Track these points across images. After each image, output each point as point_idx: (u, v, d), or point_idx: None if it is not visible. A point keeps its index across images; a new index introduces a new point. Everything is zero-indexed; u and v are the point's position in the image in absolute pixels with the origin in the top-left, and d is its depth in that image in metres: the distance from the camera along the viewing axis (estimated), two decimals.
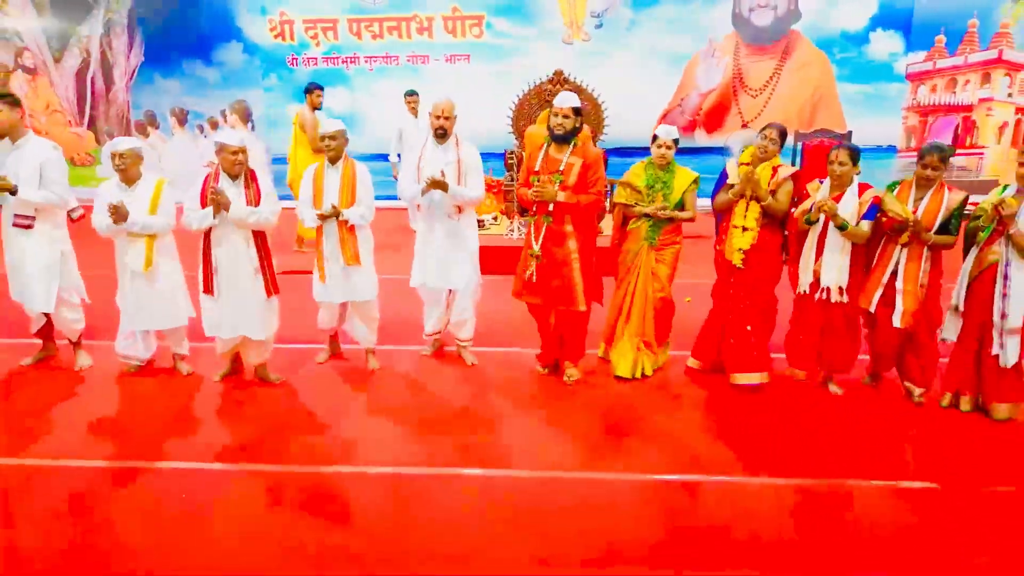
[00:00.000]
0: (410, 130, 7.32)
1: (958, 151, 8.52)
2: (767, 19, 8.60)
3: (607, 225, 5.12)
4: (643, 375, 4.11)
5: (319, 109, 6.82)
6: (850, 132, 7.67)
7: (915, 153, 8.62)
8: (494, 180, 7.18)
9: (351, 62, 9.06)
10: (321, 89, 6.89)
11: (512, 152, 6.83)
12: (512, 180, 6.71)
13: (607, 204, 5.75)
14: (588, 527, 2.73)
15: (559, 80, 6.88)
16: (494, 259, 5.02)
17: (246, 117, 9.25)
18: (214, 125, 9.26)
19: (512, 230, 6.60)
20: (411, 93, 7.49)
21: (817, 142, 7.65)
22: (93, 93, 9.24)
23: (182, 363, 4.14)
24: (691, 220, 4.09)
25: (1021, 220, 3.49)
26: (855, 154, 3.73)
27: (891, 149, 8.75)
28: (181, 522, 2.76)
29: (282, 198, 3.96)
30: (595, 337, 4.26)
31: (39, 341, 4.30)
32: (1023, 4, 8.29)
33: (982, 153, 8.63)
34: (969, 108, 8.56)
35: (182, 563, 2.53)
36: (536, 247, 3.85)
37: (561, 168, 3.77)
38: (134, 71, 9.18)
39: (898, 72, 8.58)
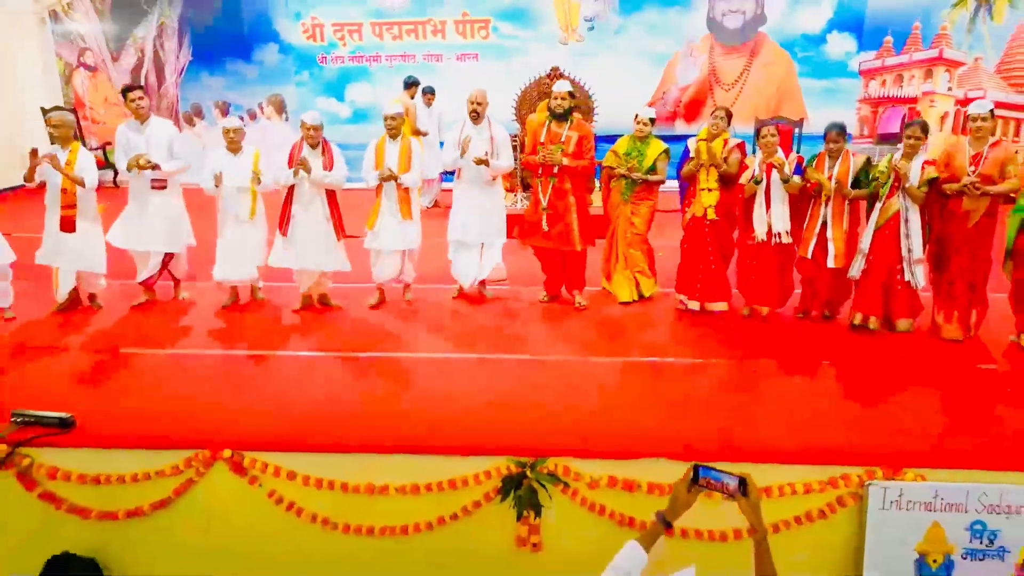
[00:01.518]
0: (423, 119, 8.55)
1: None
2: (737, 23, 9.85)
3: (596, 197, 6.41)
4: (641, 297, 5.42)
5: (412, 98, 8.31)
6: (802, 120, 8.90)
7: (869, 140, 9.97)
8: None
9: (373, 61, 10.31)
10: (417, 84, 8.38)
11: (516, 136, 8.09)
12: (516, 160, 7.97)
13: (596, 182, 7.02)
14: (590, 386, 4.06)
15: (556, 76, 8.14)
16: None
17: (280, 109, 10.49)
18: (252, 116, 10.50)
19: (516, 202, 7.86)
20: (429, 91, 8.70)
21: (831, 143, 8.90)
22: (146, 88, 10.48)
23: (259, 292, 5.45)
24: (661, 182, 5.38)
25: (912, 176, 4.77)
26: (783, 129, 5.04)
27: (847, 137, 9.99)
28: (287, 390, 4.09)
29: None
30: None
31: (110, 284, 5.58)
32: (959, 10, 9.54)
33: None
34: (914, 100, 9.81)
35: (297, 413, 3.85)
36: (544, 201, 5.14)
37: (562, 139, 5.05)
38: (183, 69, 10.44)
39: (852, 69, 9.83)
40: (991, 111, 4.74)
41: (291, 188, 4.99)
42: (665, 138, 5.38)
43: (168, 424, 3.69)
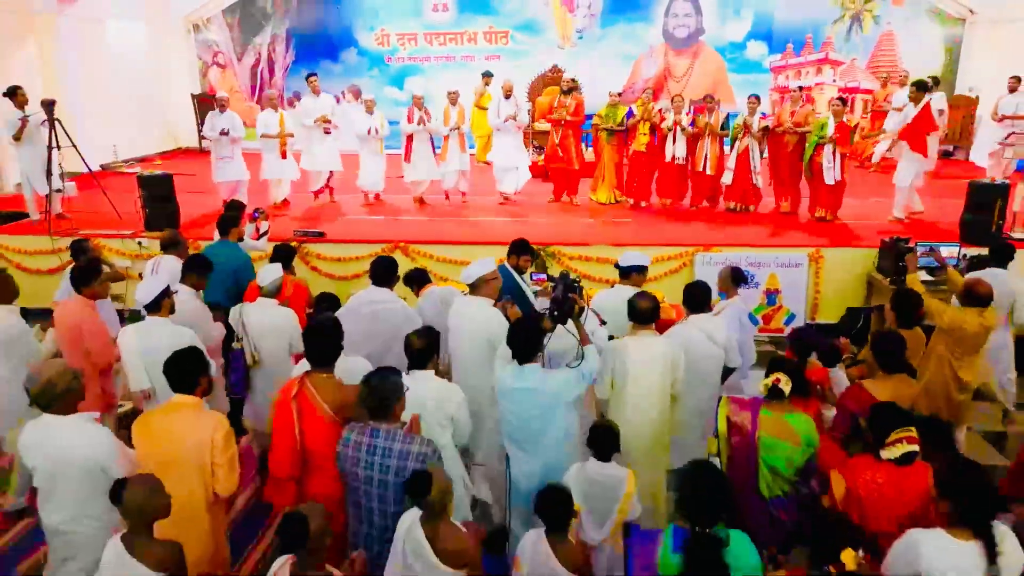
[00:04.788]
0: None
1: None
2: (684, 33, 13.89)
3: (589, 153, 10.42)
4: (617, 201, 9.49)
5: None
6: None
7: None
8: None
9: (424, 60, 14.34)
10: (491, 75, 11.88)
11: (530, 110, 12.14)
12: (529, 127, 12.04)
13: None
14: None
15: (555, 71, 12.16)
16: None
17: (357, 95, 14.45)
18: (337, 100, 14.50)
19: (530, 153, 11.90)
20: (488, 74, 12.69)
21: (701, 105, 12.94)
22: (260, 81, 14.53)
23: (372, 195, 9.57)
24: (623, 130, 9.40)
25: (753, 125, 8.84)
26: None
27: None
28: None
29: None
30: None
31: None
32: (839, 24, 13.57)
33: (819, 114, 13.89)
34: (809, 89, 13.82)
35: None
36: (557, 139, 9.22)
37: (568, 104, 9.15)
38: (288, 66, 14.48)
39: (764, 67, 13.87)
40: (840, 98, 8.81)
41: (410, 136, 9.10)
42: (630, 112, 9.47)
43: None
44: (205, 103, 14.01)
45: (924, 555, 2.40)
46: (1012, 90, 10.68)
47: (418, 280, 4.96)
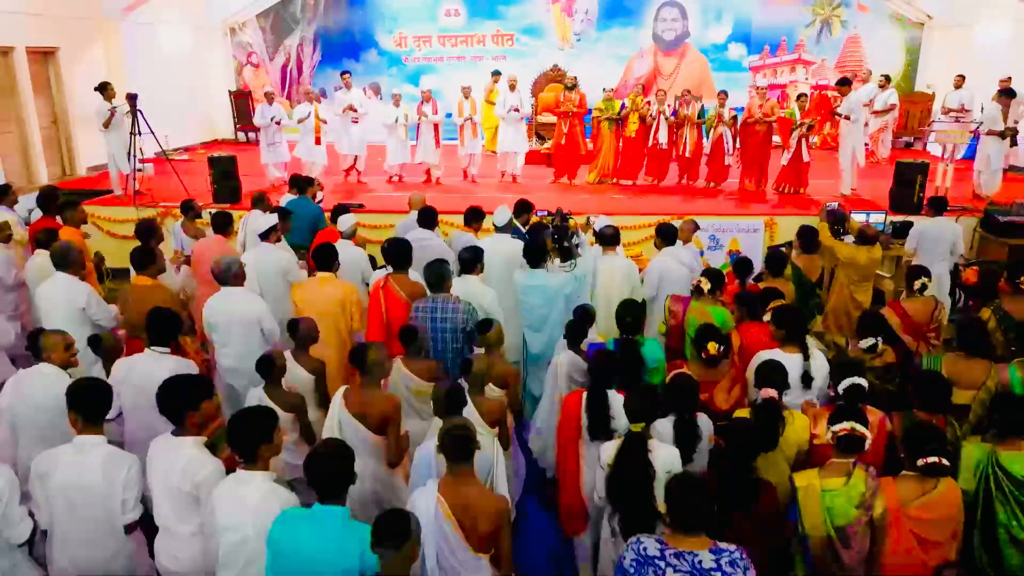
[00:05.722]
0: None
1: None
2: (672, 36, 15.45)
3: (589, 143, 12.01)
4: (604, 181, 11.08)
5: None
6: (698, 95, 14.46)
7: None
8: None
9: (438, 60, 15.91)
10: (499, 74, 13.48)
11: (533, 105, 13.72)
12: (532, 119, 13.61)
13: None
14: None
15: (556, 70, 13.72)
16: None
17: (377, 91, 16.06)
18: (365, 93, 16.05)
19: (533, 141, 13.47)
20: (496, 73, 14.27)
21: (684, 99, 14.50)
22: (290, 79, 16.11)
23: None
24: (619, 120, 10.98)
25: (725, 115, 10.43)
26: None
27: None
28: None
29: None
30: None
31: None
32: (811, 28, 15.13)
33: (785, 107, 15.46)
34: (784, 86, 15.39)
35: None
36: (565, 128, 10.81)
37: (572, 98, 10.73)
38: (315, 65, 16.06)
39: (744, 66, 15.43)
40: (802, 93, 10.43)
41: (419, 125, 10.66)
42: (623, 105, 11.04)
43: None
44: (240, 99, 15.66)
45: (760, 357, 3.96)
46: (957, 87, 12.27)
47: (476, 218, 6.41)
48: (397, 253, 4.96)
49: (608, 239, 5.51)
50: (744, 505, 3.02)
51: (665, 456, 3.26)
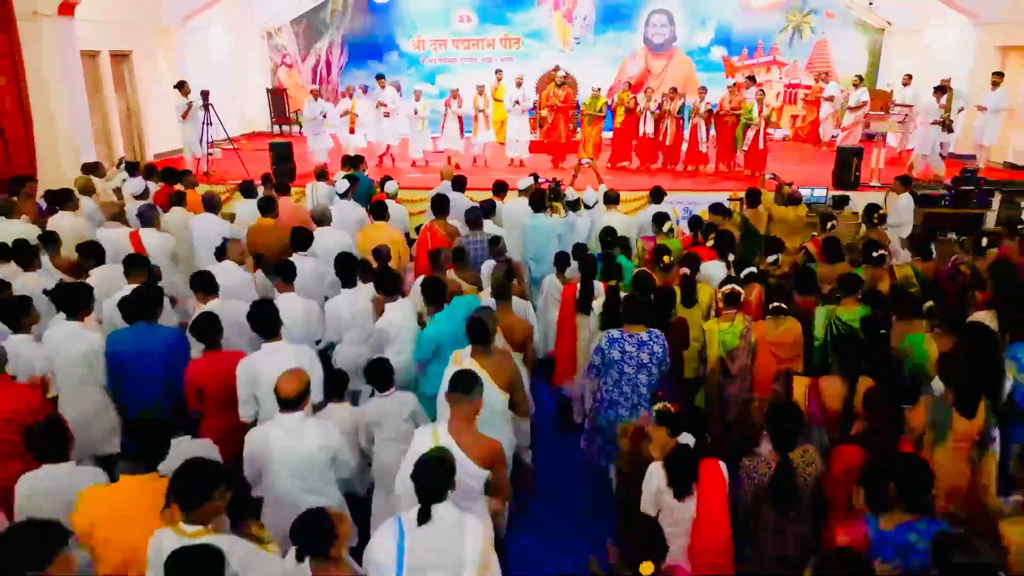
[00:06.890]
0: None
1: None
2: (661, 40, 17.34)
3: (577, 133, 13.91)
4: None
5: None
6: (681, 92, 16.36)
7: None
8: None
9: (452, 61, 17.82)
10: (501, 72, 15.46)
11: (535, 102, 15.61)
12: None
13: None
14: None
15: (556, 70, 15.61)
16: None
17: (398, 88, 17.94)
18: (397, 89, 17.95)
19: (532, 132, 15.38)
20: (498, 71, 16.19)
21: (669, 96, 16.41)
22: (319, 78, 18.02)
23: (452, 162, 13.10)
24: (602, 116, 12.90)
25: (701, 108, 12.34)
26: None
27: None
28: None
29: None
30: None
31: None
32: (784, 33, 17.02)
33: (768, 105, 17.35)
34: (760, 85, 17.24)
35: None
36: (550, 121, 12.73)
37: (559, 94, 12.65)
38: (342, 66, 17.97)
39: (723, 67, 17.34)
40: (760, 88, 12.36)
41: (446, 116, 12.57)
42: (608, 102, 12.94)
43: None
44: (276, 96, 17.57)
45: (706, 267, 5.90)
46: (905, 84, 14.20)
47: (502, 189, 8.34)
48: (439, 204, 6.88)
49: (611, 199, 7.66)
50: (666, 321, 5.03)
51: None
